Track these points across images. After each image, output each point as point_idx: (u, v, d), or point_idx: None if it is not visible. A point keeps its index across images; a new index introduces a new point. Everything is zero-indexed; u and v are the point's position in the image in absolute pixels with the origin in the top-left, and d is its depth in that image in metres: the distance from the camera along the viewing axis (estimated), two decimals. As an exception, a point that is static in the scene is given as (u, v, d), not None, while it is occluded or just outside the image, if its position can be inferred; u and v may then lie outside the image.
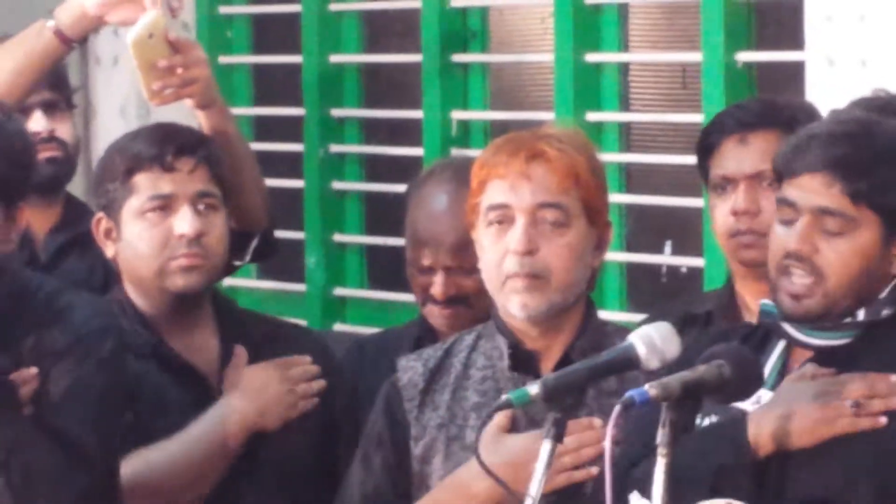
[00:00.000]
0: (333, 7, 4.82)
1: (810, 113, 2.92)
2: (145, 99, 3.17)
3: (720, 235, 2.88)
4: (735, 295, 2.91)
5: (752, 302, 2.79)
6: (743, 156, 2.87)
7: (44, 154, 3.26)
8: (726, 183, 2.83)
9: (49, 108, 3.39)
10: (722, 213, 2.82)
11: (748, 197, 2.82)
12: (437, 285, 2.92)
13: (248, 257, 3.20)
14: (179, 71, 3.07)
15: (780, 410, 2.34)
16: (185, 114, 3.35)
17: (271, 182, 4.32)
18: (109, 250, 2.93)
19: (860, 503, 2.37)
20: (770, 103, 3.15)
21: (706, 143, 2.91)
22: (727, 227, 2.83)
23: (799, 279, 2.31)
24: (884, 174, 2.39)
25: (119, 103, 4.79)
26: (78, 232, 3.28)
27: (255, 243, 3.15)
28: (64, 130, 3.43)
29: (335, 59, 4.80)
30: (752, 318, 2.70)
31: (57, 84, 3.46)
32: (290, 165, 4.92)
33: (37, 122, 3.34)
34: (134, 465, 2.70)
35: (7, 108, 2.74)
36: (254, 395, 2.97)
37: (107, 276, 3.22)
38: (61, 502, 2.50)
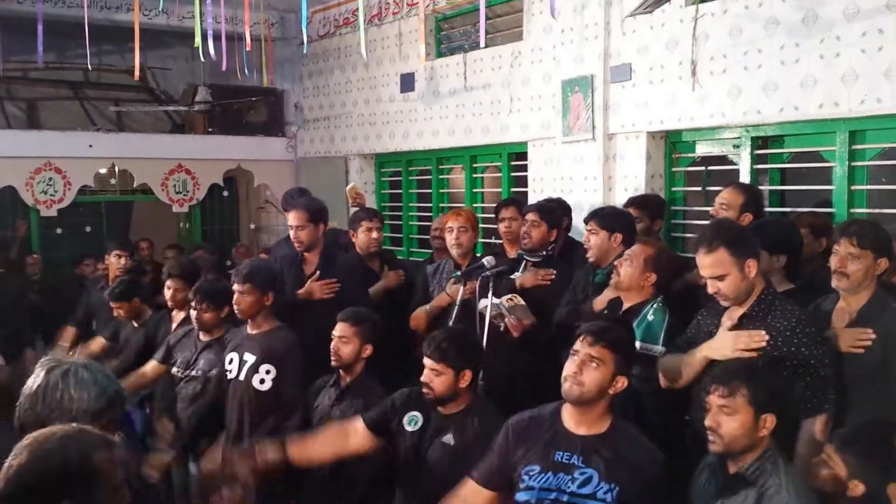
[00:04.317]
0: (409, 179, 7.60)
1: (520, 203, 4.89)
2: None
3: (503, 234, 4.75)
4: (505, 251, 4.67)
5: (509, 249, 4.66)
6: (508, 212, 4.74)
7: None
8: (503, 219, 4.74)
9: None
10: (502, 228, 4.74)
11: (514, 222, 4.66)
12: (443, 248, 4.79)
13: None
14: (357, 200, 5.57)
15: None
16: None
17: (397, 223, 7.49)
18: (354, 240, 4.90)
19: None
20: (512, 197, 5.47)
21: (497, 208, 4.87)
22: (505, 230, 4.71)
23: (528, 245, 4.30)
24: (546, 209, 4.42)
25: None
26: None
27: None
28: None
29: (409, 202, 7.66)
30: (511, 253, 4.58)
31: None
32: (398, 221, 7.71)
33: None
34: None
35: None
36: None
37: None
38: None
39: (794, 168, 4.79)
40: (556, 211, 4.56)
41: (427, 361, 3.09)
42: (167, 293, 4.78)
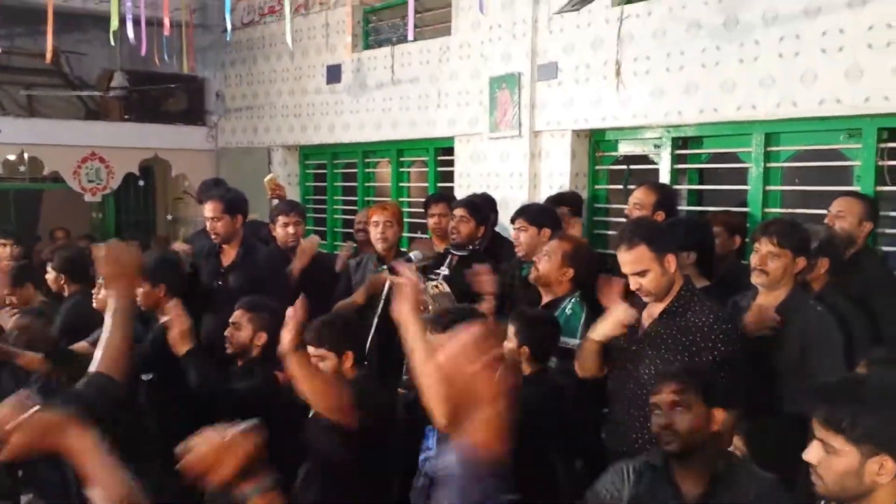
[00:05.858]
0: (338, 172, 7.56)
1: (450, 199, 4.93)
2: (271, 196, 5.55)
3: (432, 229, 4.85)
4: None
5: (437, 244, 4.71)
6: (438, 208, 4.81)
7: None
8: (432, 214, 4.81)
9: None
10: (431, 224, 4.80)
11: (444, 217, 4.70)
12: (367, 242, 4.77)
13: None
14: (276, 192, 5.43)
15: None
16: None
17: (321, 216, 7.45)
18: (274, 233, 4.86)
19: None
20: (442, 193, 5.46)
21: (427, 204, 4.94)
22: (434, 226, 4.80)
23: (457, 240, 4.35)
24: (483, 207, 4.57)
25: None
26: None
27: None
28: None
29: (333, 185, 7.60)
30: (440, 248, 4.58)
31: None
32: (323, 214, 7.72)
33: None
34: None
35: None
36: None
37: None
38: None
39: (712, 168, 4.93)
40: (483, 207, 4.56)
41: (310, 349, 3.05)
42: (52, 285, 4.72)
